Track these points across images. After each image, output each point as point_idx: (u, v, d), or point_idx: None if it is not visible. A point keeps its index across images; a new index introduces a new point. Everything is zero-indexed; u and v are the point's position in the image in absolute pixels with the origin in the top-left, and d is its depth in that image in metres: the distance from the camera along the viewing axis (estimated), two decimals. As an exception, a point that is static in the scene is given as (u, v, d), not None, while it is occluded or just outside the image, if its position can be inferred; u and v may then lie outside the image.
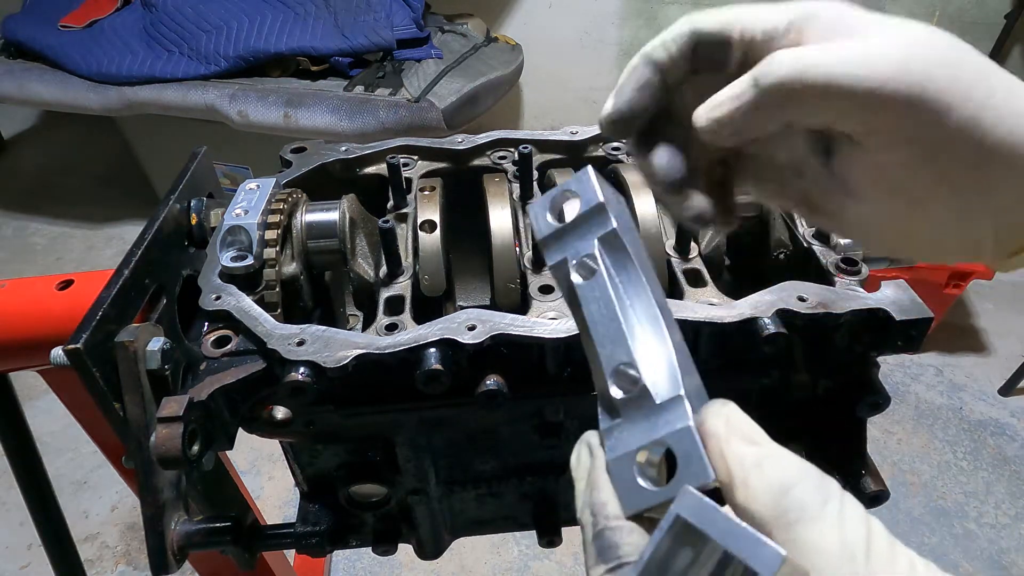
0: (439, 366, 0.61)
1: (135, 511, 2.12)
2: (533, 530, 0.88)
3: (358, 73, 2.60)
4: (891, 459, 2.29)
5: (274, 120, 2.48)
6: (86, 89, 2.65)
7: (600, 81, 3.57)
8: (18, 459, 1.07)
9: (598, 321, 0.40)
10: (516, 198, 0.83)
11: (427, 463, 0.78)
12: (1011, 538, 2.08)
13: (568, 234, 0.41)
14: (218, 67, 2.57)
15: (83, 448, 2.26)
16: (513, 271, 0.74)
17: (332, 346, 0.62)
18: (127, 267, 0.67)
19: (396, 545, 0.85)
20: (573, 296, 0.41)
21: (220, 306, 0.67)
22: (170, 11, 2.64)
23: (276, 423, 0.66)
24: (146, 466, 0.62)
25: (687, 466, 0.35)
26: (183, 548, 0.67)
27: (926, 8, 2.98)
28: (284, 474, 2.26)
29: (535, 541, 0.87)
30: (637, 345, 0.38)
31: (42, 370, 0.95)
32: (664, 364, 0.38)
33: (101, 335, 0.61)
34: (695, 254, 0.78)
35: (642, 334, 0.39)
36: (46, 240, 3.31)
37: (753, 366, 0.69)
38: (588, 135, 0.91)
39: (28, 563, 2.04)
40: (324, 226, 0.78)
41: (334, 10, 2.63)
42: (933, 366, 2.60)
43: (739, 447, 0.34)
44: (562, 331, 0.63)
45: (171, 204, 0.77)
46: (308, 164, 0.87)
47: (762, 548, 0.30)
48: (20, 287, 0.87)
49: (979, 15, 2.95)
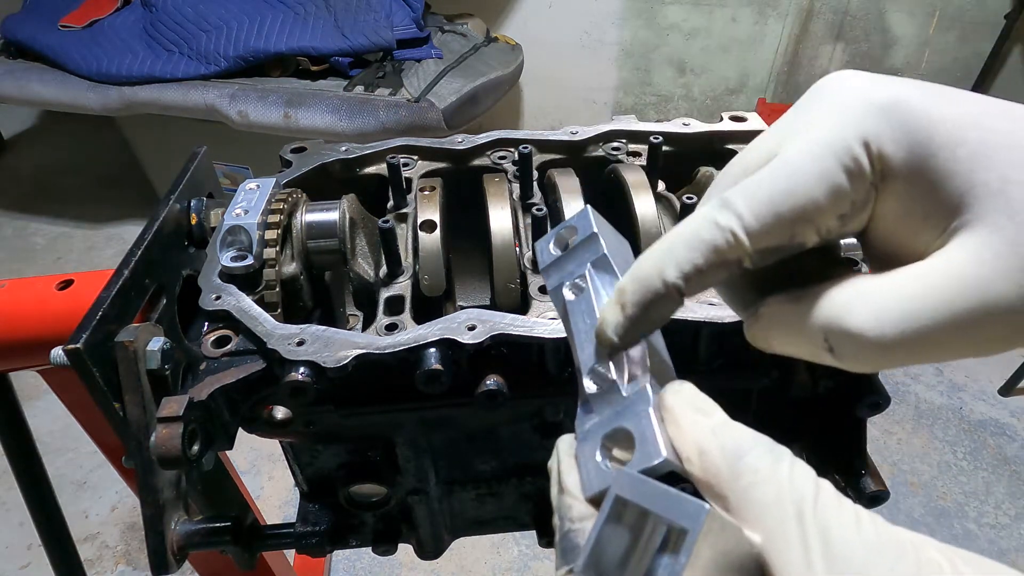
0: (439, 366, 0.61)
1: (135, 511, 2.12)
2: (533, 530, 0.88)
3: (358, 73, 2.60)
4: (891, 459, 2.29)
5: (274, 120, 2.48)
6: (86, 89, 2.65)
7: (600, 81, 3.57)
8: (18, 459, 1.07)
9: (581, 330, 0.44)
10: (516, 198, 0.83)
11: (427, 463, 0.78)
12: (1011, 538, 2.08)
13: (565, 261, 0.46)
14: (218, 67, 2.57)
15: (83, 448, 2.26)
16: (513, 271, 0.74)
17: (332, 346, 0.62)
18: (127, 267, 0.67)
19: (396, 545, 0.85)
20: (565, 312, 0.45)
21: (220, 306, 0.67)
22: (170, 11, 2.64)
23: (276, 423, 0.66)
24: (146, 466, 0.62)
25: (643, 447, 0.37)
26: (183, 548, 0.67)
27: (926, 8, 2.98)
28: (284, 474, 2.26)
29: (535, 541, 0.87)
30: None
31: (42, 370, 0.95)
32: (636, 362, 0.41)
33: (101, 335, 0.61)
34: (695, 254, 0.78)
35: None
36: (46, 240, 3.31)
37: (753, 366, 0.69)
38: (588, 135, 0.91)
39: (28, 563, 2.04)
40: (324, 226, 0.78)
41: (334, 10, 2.63)
42: (933, 366, 2.60)
43: (693, 418, 0.36)
44: (562, 331, 0.63)
45: (171, 204, 0.77)
46: (308, 164, 0.87)
47: (687, 504, 0.31)
48: (20, 287, 0.87)
49: (979, 15, 2.95)
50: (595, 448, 0.39)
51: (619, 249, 0.46)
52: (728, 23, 3.28)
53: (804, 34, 3.24)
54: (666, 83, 3.55)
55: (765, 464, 0.33)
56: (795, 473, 0.33)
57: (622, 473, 0.35)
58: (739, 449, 0.34)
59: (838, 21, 3.17)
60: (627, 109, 3.62)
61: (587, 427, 0.41)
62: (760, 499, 0.32)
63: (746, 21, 3.25)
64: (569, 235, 0.46)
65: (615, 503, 0.34)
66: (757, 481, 0.33)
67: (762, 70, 3.38)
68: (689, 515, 0.31)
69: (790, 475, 0.33)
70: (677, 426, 0.36)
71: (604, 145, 0.92)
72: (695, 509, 0.31)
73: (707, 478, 0.35)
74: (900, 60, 3.18)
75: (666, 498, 0.32)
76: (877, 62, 3.22)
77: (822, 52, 3.27)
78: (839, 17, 3.15)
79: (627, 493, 0.33)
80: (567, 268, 0.46)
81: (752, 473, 0.33)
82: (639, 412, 0.38)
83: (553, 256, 0.47)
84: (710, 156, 0.90)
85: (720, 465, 0.34)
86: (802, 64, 3.33)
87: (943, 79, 3.16)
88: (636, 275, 0.40)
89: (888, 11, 3.07)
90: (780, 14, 3.20)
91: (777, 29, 3.24)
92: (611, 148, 0.92)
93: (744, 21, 3.26)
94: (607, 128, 0.92)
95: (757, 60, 3.36)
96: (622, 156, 0.90)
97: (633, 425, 0.38)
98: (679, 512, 0.31)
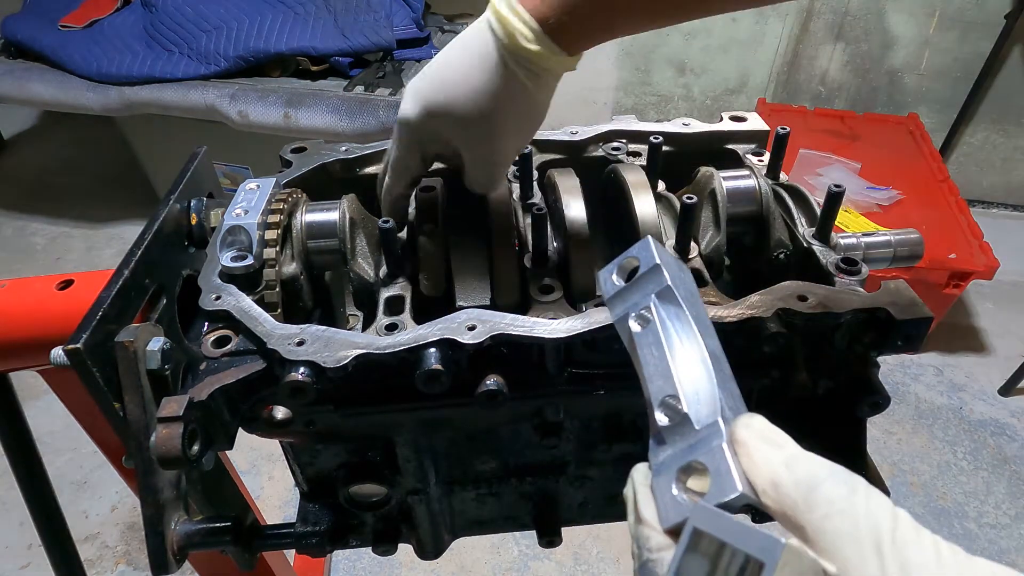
0: (439, 366, 0.61)
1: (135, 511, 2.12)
2: (533, 530, 0.88)
3: (358, 73, 2.60)
4: (891, 459, 2.29)
5: (274, 120, 2.48)
6: (86, 89, 2.65)
7: (600, 81, 3.56)
8: (18, 459, 1.07)
9: (650, 362, 0.45)
10: (516, 198, 0.83)
11: (427, 463, 0.78)
12: (1011, 538, 2.08)
13: (629, 292, 0.48)
14: (218, 67, 2.56)
15: (83, 448, 2.26)
16: (513, 271, 0.74)
17: (332, 346, 0.62)
18: (127, 267, 0.67)
19: (396, 545, 0.85)
20: (632, 344, 0.47)
21: (220, 306, 0.67)
22: (170, 11, 2.63)
23: (276, 423, 0.66)
24: (146, 466, 0.62)
25: (717, 480, 0.38)
26: (183, 548, 0.67)
27: (926, 8, 2.98)
28: (284, 474, 2.26)
29: (535, 541, 0.87)
30: (682, 380, 0.43)
31: (42, 370, 0.95)
32: (707, 395, 0.42)
33: (101, 335, 0.61)
34: (695, 254, 0.78)
35: (688, 371, 0.44)
36: (46, 240, 3.31)
37: (753, 366, 0.69)
38: (588, 135, 0.91)
39: (28, 563, 2.04)
40: (324, 226, 0.78)
41: (334, 10, 2.63)
42: (933, 366, 2.60)
43: (767, 452, 0.37)
44: (562, 331, 0.63)
45: (171, 204, 0.77)
46: (308, 164, 0.87)
47: (763, 539, 0.32)
48: (20, 287, 0.87)
49: (979, 15, 2.95)
50: (671, 481, 0.40)
51: (681, 278, 0.47)
52: (728, 23, 3.27)
53: (804, 34, 3.23)
54: (666, 83, 3.55)
55: (840, 495, 0.34)
56: (871, 504, 0.33)
57: (699, 507, 0.36)
58: (813, 480, 0.35)
59: (838, 21, 3.16)
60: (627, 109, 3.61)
61: (661, 459, 0.42)
62: (836, 530, 0.33)
63: (746, 21, 3.25)
64: (630, 265, 0.48)
65: (693, 535, 0.35)
66: (832, 512, 0.33)
67: (762, 70, 3.38)
68: (765, 549, 0.32)
69: (866, 506, 0.33)
70: (750, 459, 0.37)
71: (604, 145, 0.92)
72: (771, 543, 0.32)
73: (782, 510, 0.35)
74: (900, 60, 3.18)
75: (742, 532, 0.33)
76: (877, 62, 3.22)
77: (822, 52, 3.26)
78: (839, 17, 3.15)
79: (705, 526, 0.34)
80: (631, 299, 0.47)
81: (827, 504, 0.34)
82: (712, 446, 0.39)
83: (616, 287, 0.48)
84: (710, 156, 0.90)
85: (795, 497, 0.35)
86: (802, 64, 3.33)
87: (943, 79, 3.16)
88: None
89: (888, 11, 3.07)
90: (780, 14, 3.20)
91: (777, 29, 3.24)
92: (611, 148, 0.92)
93: (744, 21, 3.25)
94: (607, 128, 0.92)
95: (757, 60, 3.36)
96: (622, 156, 0.90)
97: (708, 459, 0.39)
98: (756, 546, 0.32)
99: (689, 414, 0.41)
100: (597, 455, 0.82)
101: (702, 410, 0.41)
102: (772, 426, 0.39)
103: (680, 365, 0.44)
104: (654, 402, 0.43)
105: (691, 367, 0.44)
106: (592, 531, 2.08)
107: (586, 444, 0.80)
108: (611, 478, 0.85)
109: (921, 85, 3.23)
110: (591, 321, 0.63)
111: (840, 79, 3.33)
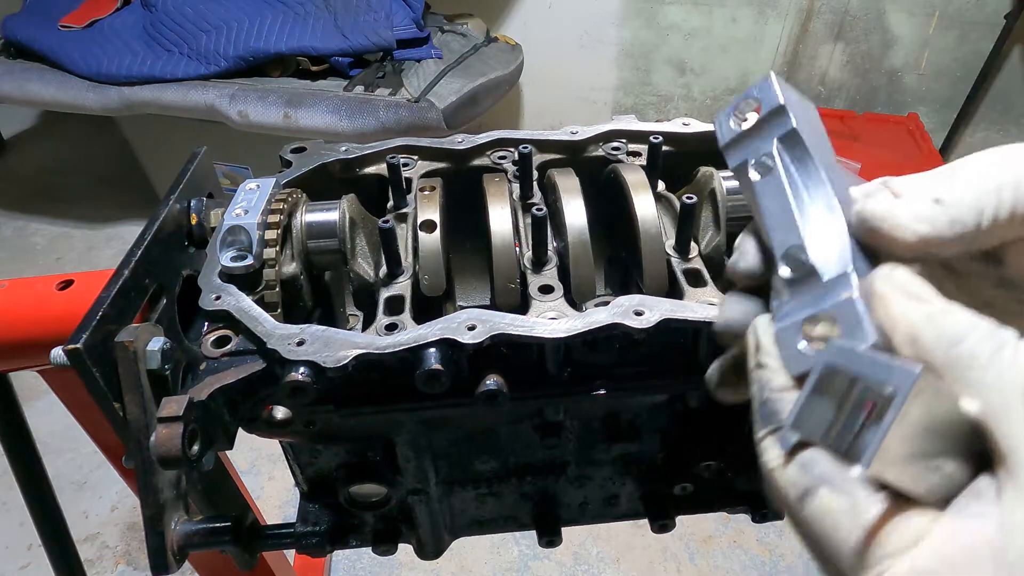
0: (439, 366, 0.61)
1: (135, 511, 2.12)
2: (533, 530, 0.88)
3: (358, 73, 2.60)
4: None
5: (274, 120, 2.48)
6: (86, 89, 2.65)
7: (600, 81, 3.57)
8: (18, 459, 1.07)
9: (772, 213, 0.42)
10: (516, 198, 0.83)
11: (427, 463, 0.78)
12: (1011, 538, 2.07)
13: (749, 137, 0.43)
14: (218, 67, 2.57)
15: (83, 448, 2.26)
16: (513, 271, 0.74)
17: (332, 346, 0.62)
18: (127, 267, 0.67)
19: (396, 545, 0.85)
20: (751, 193, 0.43)
21: (220, 306, 0.67)
22: (170, 11, 2.64)
23: (276, 423, 0.66)
24: (146, 466, 0.62)
25: (847, 332, 0.36)
26: (183, 548, 0.67)
27: (926, 8, 2.98)
28: (284, 474, 2.26)
29: (535, 541, 0.87)
30: (809, 231, 0.40)
31: (42, 370, 0.95)
32: (835, 246, 0.39)
33: (101, 335, 0.61)
34: (695, 254, 0.78)
35: (816, 221, 0.41)
36: (46, 240, 3.31)
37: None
38: (588, 135, 0.91)
39: (28, 563, 2.04)
40: (324, 226, 0.78)
41: (334, 10, 2.63)
42: (933, 366, 2.60)
43: (906, 305, 0.35)
44: (562, 331, 0.63)
45: (171, 204, 0.77)
46: (308, 164, 0.87)
47: (899, 369, 0.30)
48: (20, 287, 0.87)
49: (979, 15, 2.95)
50: (797, 331, 0.38)
51: (808, 119, 0.43)
52: (728, 23, 3.28)
53: (804, 34, 3.24)
54: (666, 83, 3.55)
55: (985, 350, 0.32)
56: (1019, 358, 0.31)
57: (832, 344, 0.34)
58: (957, 336, 0.33)
59: (838, 21, 3.17)
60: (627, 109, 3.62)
61: (785, 310, 0.40)
62: (979, 381, 0.31)
63: (746, 21, 3.25)
64: (750, 107, 0.43)
65: (824, 371, 0.33)
66: (975, 366, 0.32)
67: (762, 70, 3.38)
68: (900, 379, 0.30)
69: (1013, 360, 0.31)
70: (888, 312, 0.35)
71: (604, 145, 0.92)
72: (906, 373, 0.30)
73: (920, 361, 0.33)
74: (900, 60, 3.18)
75: (877, 364, 0.31)
76: (877, 62, 3.22)
77: (822, 52, 3.27)
78: (839, 17, 3.15)
79: (837, 360, 0.33)
80: (751, 145, 0.43)
81: (970, 358, 0.32)
82: (843, 298, 0.37)
83: (734, 132, 0.44)
84: (710, 156, 0.90)
85: (935, 352, 0.33)
86: (802, 64, 3.33)
87: (943, 79, 3.16)
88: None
89: (888, 11, 3.07)
90: (780, 14, 3.20)
91: (777, 29, 3.24)
92: (611, 148, 0.91)
93: (744, 21, 3.25)
94: (607, 128, 0.92)
95: (757, 60, 3.36)
96: (622, 156, 0.90)
97: (838, 311, 0.37)
98: (890, 377, 0.30)
99: (816, 266, 0.39)
100: (597, 455, 0.82)
101: (831, 262, 0.39)
102: (916, 278, 0.36)
103: (806, 215, 0.41)
104: (777, 253, 0.41)
105: (818, 217, 0.41)
106: (592, 531, 2.08)
107: (586, 444, 0.80)
108: (611, 478, 0.85)
109: (921, 85, 3.23)
110: (591, 321, 0.63)
111: (840, 79, 3.33)
